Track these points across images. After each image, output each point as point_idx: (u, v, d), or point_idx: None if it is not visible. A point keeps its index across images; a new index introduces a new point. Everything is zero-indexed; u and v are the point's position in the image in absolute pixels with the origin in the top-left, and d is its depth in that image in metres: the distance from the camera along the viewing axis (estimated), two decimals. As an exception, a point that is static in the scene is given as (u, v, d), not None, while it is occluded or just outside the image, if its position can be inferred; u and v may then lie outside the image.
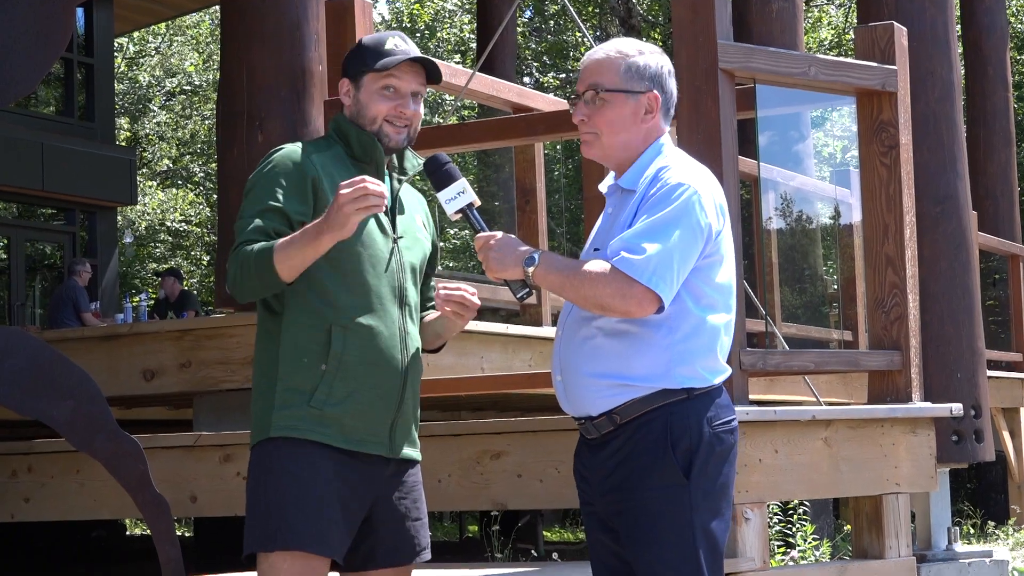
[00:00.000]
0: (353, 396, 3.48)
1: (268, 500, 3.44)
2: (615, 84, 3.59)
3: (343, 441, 3.48)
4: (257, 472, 3.50)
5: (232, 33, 7.34)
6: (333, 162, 3.58)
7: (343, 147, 3.64)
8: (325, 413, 3.46)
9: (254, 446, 3.53)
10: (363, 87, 3.62)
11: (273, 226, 3.45)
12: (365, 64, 3.62)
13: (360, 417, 3.50)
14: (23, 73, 4.70)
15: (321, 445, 3.45)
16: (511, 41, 17.65)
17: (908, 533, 5.95)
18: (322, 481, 3.43)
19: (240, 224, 3.50)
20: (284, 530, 3.40)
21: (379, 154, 3.62)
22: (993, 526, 12.39)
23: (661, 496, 3.46)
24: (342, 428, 3.48)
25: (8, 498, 6.72)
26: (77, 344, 7.32)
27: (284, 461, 3.45)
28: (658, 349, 3.48)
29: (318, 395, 3.45)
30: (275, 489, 3.44)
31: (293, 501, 3.41)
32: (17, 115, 16.24)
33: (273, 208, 3.47)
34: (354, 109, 3.64)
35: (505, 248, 3.49)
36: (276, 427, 3.46)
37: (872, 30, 6.00)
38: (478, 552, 9.31)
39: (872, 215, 5.92)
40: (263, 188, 3.51)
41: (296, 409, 3.46)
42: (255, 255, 3.39)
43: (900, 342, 5.82)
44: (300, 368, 3.47)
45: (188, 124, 30.69)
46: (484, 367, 7.11)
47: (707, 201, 3.49)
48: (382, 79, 3.61)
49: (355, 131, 3.62)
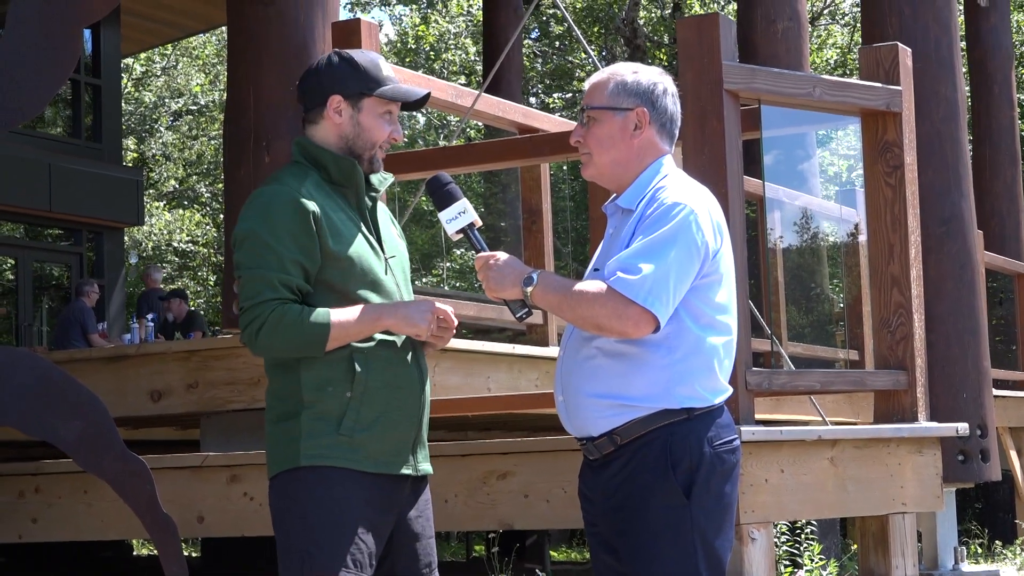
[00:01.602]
0: (380, 420, 3.49)
1: (304, 528, 3.42)
2: (602, 102, 3.62)
3: (371, 465, 3.48)
4: (287, 502, 3.47)
5: (240, 54, 7.37)
6: (316, 191, 3.51)
7: (317, 173, 3.56)
8: (355, 439, 3.45)
9: (279, 475, 3.49)
10: (364, 109, 3.57)
11: (296, 281, 3.41)
12: (367, 86, 3.56)
13: (387, 440, 3.51)
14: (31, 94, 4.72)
15: (349, 471, 3.44)
16: (517, 62, 17.71)
17: (914, 553, 5.94)
18: (354, 507, 3.43)
19: (256, 275, 3.41)
20: (322, 557, 3.39)
21: (359, 177, 3.58)
22: (1000, 546, 12.35)
23: (663, 516, 3.46)
24: (370, 452, 3.48)
25: (15, 518, 6.73)
26: (85, 365, 7.34)
27: (317, 489, 3.43)
28: (657, 369, 3.49)
29: (347, 422, 3.44)
30: (310, 517, 3.42)
31: (329, 528, 3.40)
32: (25, 136, 16.28)
33: (291, 260, 3.41)
34: (348, 130, 3.57)
35: (504, 268, 3.51)
36: (306, 456, 3.44)
37: (877, 51, 6.02)
38: (484, 572, 9.31)
39: (877, 235, 5.93)
40: (273, 237, 3.41)
41: (325, 437, 3.44)
42: (305, 326, 3.37)
43: (906, 362, 5.82)
44: (326, 396, 3.45)
45: (195, 145, 30.75)
46: (491, 387, 7.12)
47: (704, 220, 3.50)
48: (385, 105, 3.59)
49: (331, 156, 3.56)
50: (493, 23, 17.16)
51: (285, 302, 3.39)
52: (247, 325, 3.41)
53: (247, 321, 3.40)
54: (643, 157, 3.63)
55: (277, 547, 3.50)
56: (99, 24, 17.55)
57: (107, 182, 17.47)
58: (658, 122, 3.64)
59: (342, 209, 3.54)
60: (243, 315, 3.42)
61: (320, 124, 3.60)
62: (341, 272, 3.48)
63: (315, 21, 7.25)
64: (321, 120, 3.59)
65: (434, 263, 24.93)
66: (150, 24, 18.73)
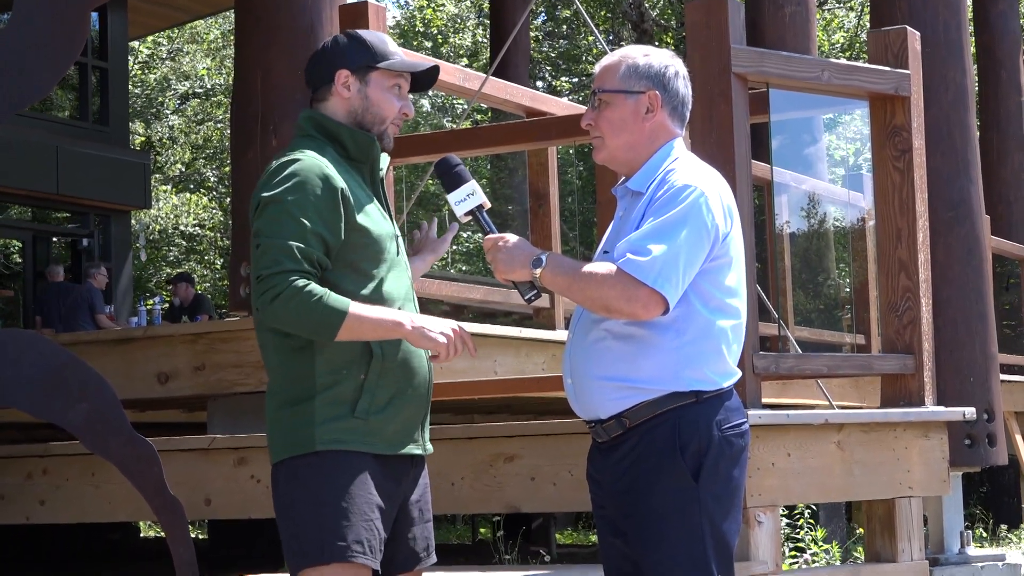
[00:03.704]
0: (393, 401, 3.47)
1: (319, 515, 3.38)
2: (613, 85, 3.61)
3: (384, 447, 3.45)
4: (298, 488, 3.41)
5: (247, 37, 7.36)
6: (337, 166, 3.46)
7: (332, 148, 3.50)
8: (369, 422, 3.42)
9: (287, 460, 3.43)
10: (371, 83, 3.53)
11: (316, 254, 3.34)
12: (373, 59, 3.52)
13: (401, 420, 3.49)
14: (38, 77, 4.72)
15: (363, 455, 3.41)
16: (524, 45, 17.66)
17: (920, 537, 5.94)
18: (368, 492, 3.40)
19: (277, 243, 3.33)
20: (337, 543, 3.35)
21: (376, 153, 3.55)
22: (1006, 529, 12.35)
23: (670, 499, 3.46)
24: (384, 435, 3.46)
25: (23, 500, 6.74)
26: (92, 347, 7.34)
27: (332, 475, 3.38)
28: (666, 352, 3.48)
29: (361, 404, 3.41)
30: (326, 503, 3.38)
31: (344, 515, 3.36)
32: (32, 119, 16.27)
33: (314, 233, 3.34)
34: (357, 104, 3.53)
35: (513, 250, 3.50)
36: (321, 441, 3.39)
37: (885, 34, 6.00)
38: (490, 555, 9.32)
39: (885, 219, 5.92)
40: (298, 207, 3.34)
41: (341, 422, 3.40)
42: (322, 307, 3.29)
43: (913, 346, 5.81)
44: (341, 380, 3.41)
45: (201, 129, 30.74)
46: (497, 371, 7.12)
47: (714, 202, 3.49)
48: (392, 78, 3.55)
49: (347, 131, 3.51)
50: (500, 7, 17.13)
51: (305, 275, 3.31)
52: (262, 292, 3.31)
53: (263, 289, 3.31)
54: (654, 140, 3.62)
55: (283, 533, 3.46)
56: (106, 7, 17.53)
57: (114, 165, 17.46)
58: (669, 105, 3.63)
59: (360, 186, 3.50)
60: (259, 282, 3.32)
61: (329, 101, 3.55)
62: (361, 249, 3.44)
63: (323, 4, 7.23)
64: (330, 96, 3.54)
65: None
66: (157, 7, 18.69)
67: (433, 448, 3.67)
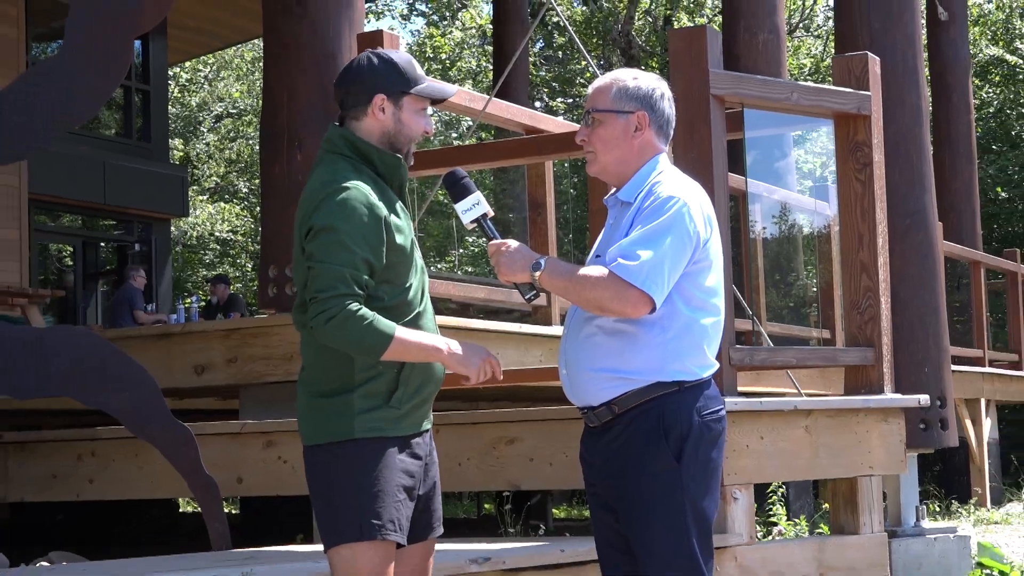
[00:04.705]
0: (420, 388, 3.47)
1: (355, 497, 3.35)
2: (606, 105, 3.60)
3: (410, 428, 3.45)
4: (335, 471, 3.38)
5: (275, 61, 7.35)
6: (374, 187, 3.41)
7: (366, 166, 3.45)
8: (402, 410, 3.42)
9: (325, 444, 3.40)
10: (404, 107, 3.47)
11: (364, 278, 3.32)
12: (407, 84, 3.47)
13: (424, 403, 3.50)
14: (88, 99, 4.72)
15: (396, 439, 3.41)
16: (524, 69, 17.65)
17: (880, 511, 5.94)
18: (398, 473, 3.40)
19: (331, 269, 3.30)
20: (373, 522, 3.34)
21: (404, 173, 3.52)
22: (957, 505, 12.35)
23: (655, 479, 3.46)
24: (413, 418, 3.46)
25: (74, 479, 6.74)
26: (135, 342, 7.33)
27: (368, 460, 3.36)
28: (652, 346, 3.48)
29: (397, 395, 3.41)
30: (364, 486, 3.35)
31: (379, 496, 3.35)
32: (82, 136, 16.27)
33: (363, 259, 3.32)
34: (391, 127, 3.47)
35: (515, 254, 3.51)
36: (360, 430, 3.37)
37: (849, 59, 6.00)
38: (494, 528, 9.30)
39: (848, 225, 5.91)
40: (349, 237, 3.31)
41: (379, 411, 3.39)
42: (370, 332, 3.28)
43: (873, 340, 5.81)
44: (376, 376, 3.40)
45: (234, 145, 30.74)
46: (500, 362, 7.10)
47: (696, 212, 3.50)
48: (422, 102, 3.50)
49: (377, 153, 3.46)
50: (502, 34, 17.13)
51: (356, 298, 3.29)
52: (318, 313, 3.29)
53: (319, 310, 3.29)
54: (642, 155, 3.62)
55: (318, 512, 3.43)
56: (148, 35, 17.53)
57: (155, 178, 17.47)
58: (656, 124, 3.63)
59: (391, 202, 3.45)
60: (315, 304, 3.31)
61: (362, 121, 3.48)
62: (397, 266, 3.42)
63: (342, 32, 7.22)
64: (364, 117, 3.47)
65: (448, 251, 24.95)
66: (194, 36, 18.70)
67: (443, 432, 3.66)
